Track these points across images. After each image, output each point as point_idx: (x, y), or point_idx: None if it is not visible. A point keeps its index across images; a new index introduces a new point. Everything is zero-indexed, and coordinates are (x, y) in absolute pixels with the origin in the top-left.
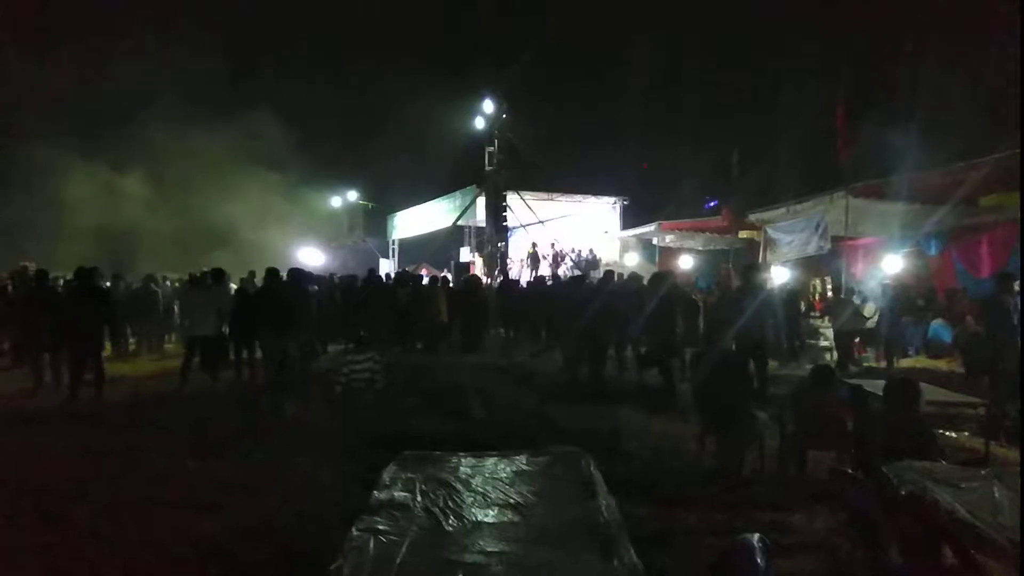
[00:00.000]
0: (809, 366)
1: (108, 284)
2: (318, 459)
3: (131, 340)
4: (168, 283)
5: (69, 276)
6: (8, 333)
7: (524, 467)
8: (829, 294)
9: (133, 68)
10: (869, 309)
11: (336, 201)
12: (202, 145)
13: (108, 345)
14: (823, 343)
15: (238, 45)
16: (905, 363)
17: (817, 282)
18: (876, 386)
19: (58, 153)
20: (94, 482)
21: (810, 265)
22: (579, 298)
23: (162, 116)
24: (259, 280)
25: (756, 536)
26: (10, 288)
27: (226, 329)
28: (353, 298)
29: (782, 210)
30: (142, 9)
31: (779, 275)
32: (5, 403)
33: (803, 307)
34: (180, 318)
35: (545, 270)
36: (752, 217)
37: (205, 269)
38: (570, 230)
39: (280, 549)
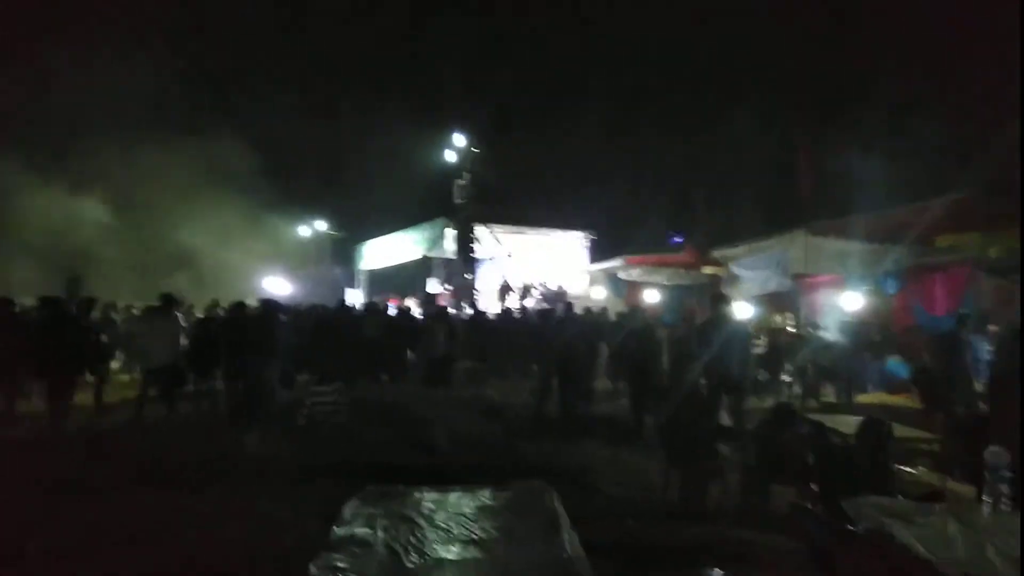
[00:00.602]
0: (771, 400)
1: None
2: (277, 492)
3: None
4: (120, 312)
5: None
6: None
7: (488, 502)
8: (791, 330)
9: (95, 83)
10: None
11: (304, 230)
12: (166, 169)
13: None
14: (785, 378)
15: (208, 68)
16: (864, 398)
17: (779, 318)
18: (836, 422)
19: (8, 169)
20: (45, 515)
21: (772, 301)
22: (548, 331)
23: (123, 137)
24: (222, 308)
25: (717, 572)
26: None
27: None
28: (323, 329)
29: (744, 247)
30: (107, 22)
31: (742, 311)
32: None
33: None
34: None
35: (514, 303)
36: (716, 253)
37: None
38: (539, 263)
39: None
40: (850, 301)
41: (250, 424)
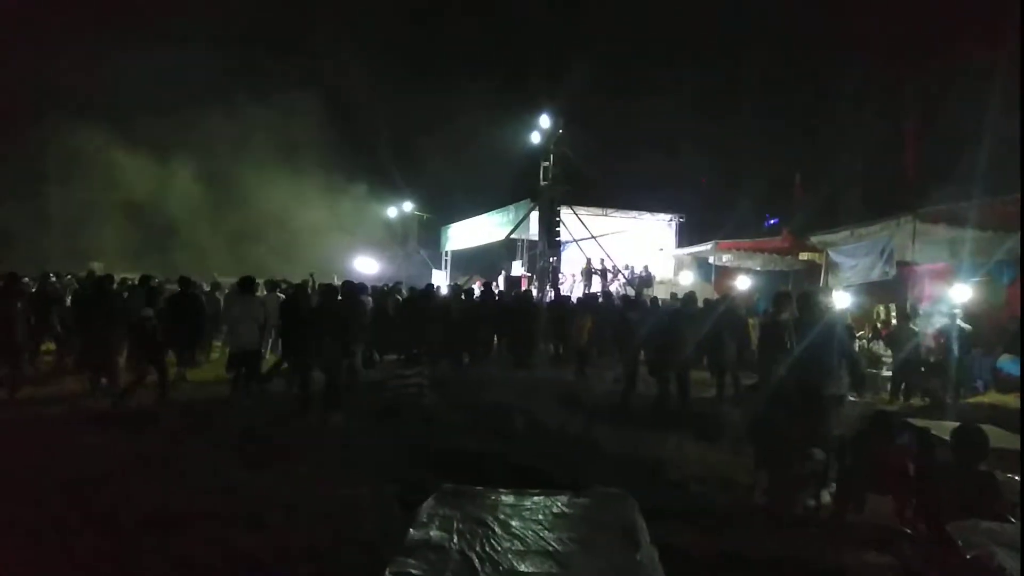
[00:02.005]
0: (869, 397)
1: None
2: (361, 476)
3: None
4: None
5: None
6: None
7: (565, 510)
8: (893, 322)
9: (192, 61)
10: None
11: (392, 211)
12: (261, 148)
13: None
14: (885, 373)
15: (302, 51)
16: (973, 399)
17: (881, 309)
18: (941, 427)
19: (108, 146)
20: (143, 489)
21: (873, 291)
22: (641, 318)
23: (217, 113)
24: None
25: None
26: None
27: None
28: (408, 310)
29: (846, 233)
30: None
31: (841, 300)
32: (64, 404)
33: (864, 334)
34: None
35: (598, 286)
36: (814, 239)
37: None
38: (624, 246)
39: (318, 571)
40: (960, 292)
41: (335, 405)
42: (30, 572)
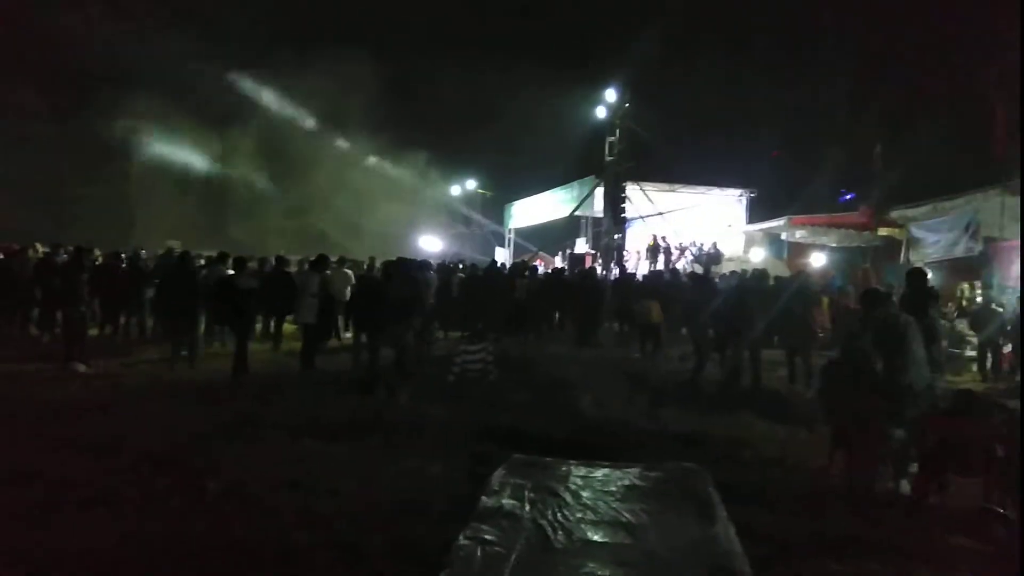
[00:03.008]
0: (950, 379)
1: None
2: (429, 449)
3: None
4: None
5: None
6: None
7: (637, 482)
8: (978, 300)
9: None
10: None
11: (455, 188)
12: (326, 126)
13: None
14: (969, 352)
15: (364, 26)
16: None
17: (965, 287)
18: None
19: (162, 120)
20: (223, 458)
21: (958, 268)
22: (709, 296)
23: (277, 85)
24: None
25: None
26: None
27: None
28: (473, 287)
29: (928, 207)
30: None
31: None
32: (143, 374)
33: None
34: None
35: (664, 264)
36: (894, 214)
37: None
38: (692, 222)
39: (391, 539)
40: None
41: (401, 380)
42: (116, 541)
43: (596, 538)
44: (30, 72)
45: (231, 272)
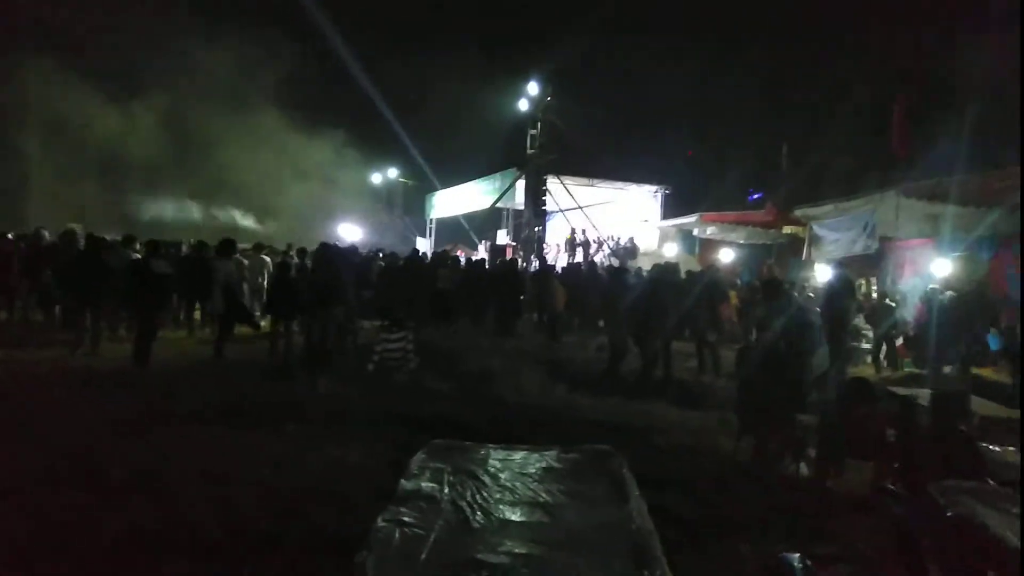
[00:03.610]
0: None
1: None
2: (348, 437)
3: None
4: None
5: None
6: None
7: (554, 464)
8: (874, 296)
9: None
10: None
11: (377, 177)
12: (242, 110)
13: None
14: (864, 345)
15: (285, 13)
16: (950, 371)
17: (863, 283)
18: (920, 395)
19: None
20: (131, 447)
21: (856, 265)
22: (627, 289)
23: (203, 71)
24: (291, 254)
25: (797, 556)
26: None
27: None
28: (393, 277)
29: (830, 207)
30: None
31: (823, 273)
32: (44, 362)
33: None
34: None
35: (582, 257)
36: (798, 212)
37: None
38: (609, 217)
39: (308, 527)
40: (941, 267)
41: (321, 368)
42: (18, 534)
43: (515, 518)
44: None
45: (141, 256)
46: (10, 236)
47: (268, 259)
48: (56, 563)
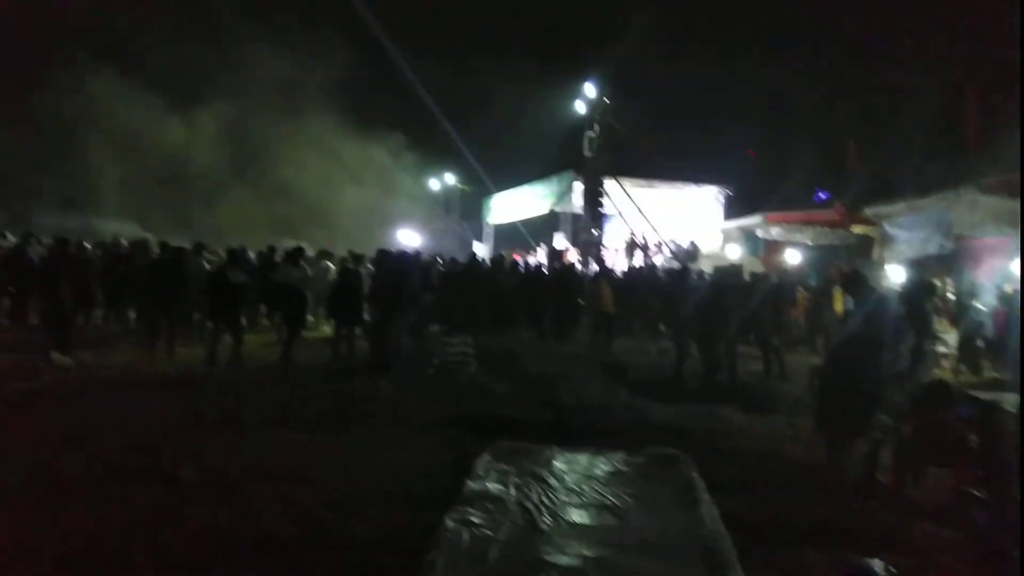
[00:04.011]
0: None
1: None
2: (410, 438)
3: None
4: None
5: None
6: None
7: (620, 467)
8: (950, 296)
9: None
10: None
11: (434, 183)
12: (302, 121)
13: None
14: (941, 349)
15: (344, 26)
16: None
17: (938, 284)
18: (1004, 400)
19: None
20: (203, 447)
21: (931, 265)
22: (688, 291)
23: (259, 86)
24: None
25: (880, 563)
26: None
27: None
28: (453, 281)
29: (902, 205)
30: None
31: (896, 274)
32: (125, 368)
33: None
34: None
35: (642, 260)
36: (868, 212)
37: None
38: (669, 219)
39: (374, 527)
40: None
41: (385, 372)
42: (93, 529)
43: (582, 520)
44: None
45: (218, 266)
46: (87, 245)
47: (332, 266)
48: (136, 554)
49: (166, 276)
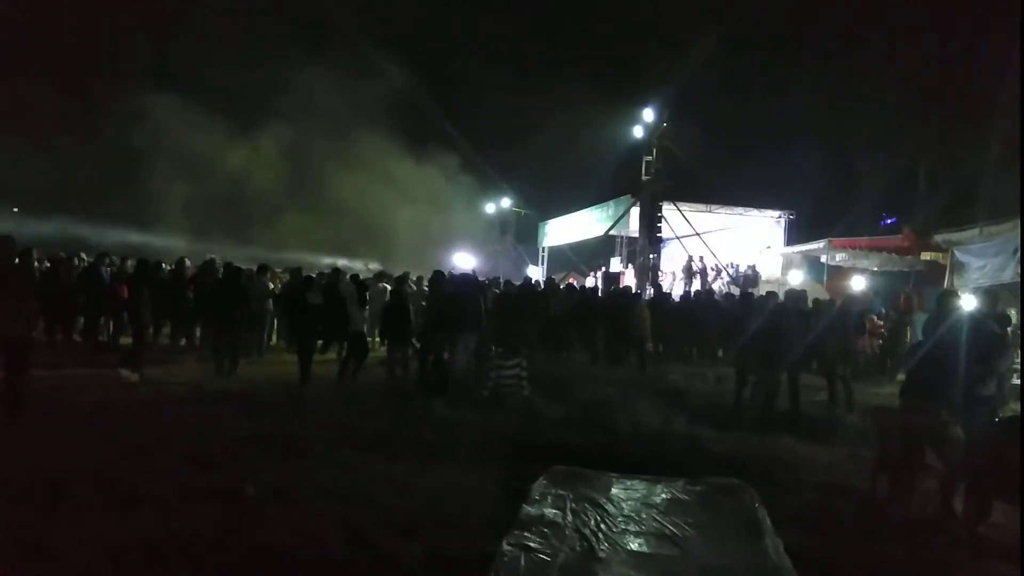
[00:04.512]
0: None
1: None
2: (463, 461)
3: None
4: None
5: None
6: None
7: (681, 496)
8: None
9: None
10: None
11: (490, 207)
12: (361, 145)
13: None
14: (1016, 381)
15: (402, 51)
16: None
17: (1013, 313)
18: None
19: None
20: (261, 465)
21: (1002, 295)
22: (748, 317)
23: (312, 106)
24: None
25: None
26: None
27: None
28: (508, 304)
29: (974, 231)
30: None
31: (968, 303)
32: (190, 385)
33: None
34: None
35: (700, 285)
36: (938, 238)
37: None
38: (729, 244)
39: (428, 549)
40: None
41: (439, 394)
42: (158, 538)
43: (641, 549)
44: (44, 73)
45: (298, 288)
46: (165, 265)
47: (388, 287)
48: (196, 571)
49: (230, 295)
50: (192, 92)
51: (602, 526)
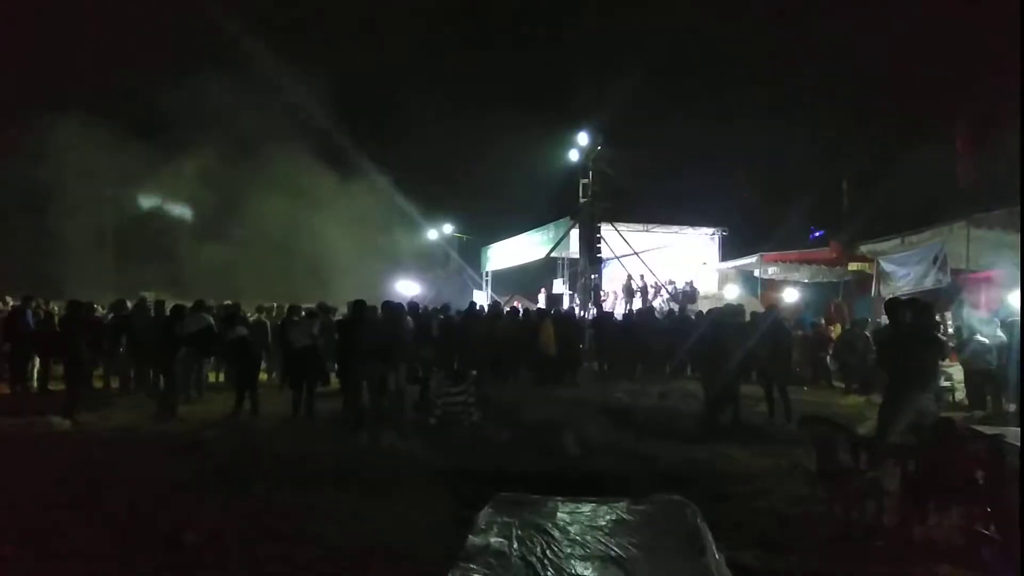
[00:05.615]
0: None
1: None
2: (411, 491)
3: None
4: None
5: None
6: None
7: (625, 516)
8: (950, 331)
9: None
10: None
11: (432, 233)
12: (294, 173)
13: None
14: (944, 383)
15: (333, 73)
16: None
17: (936, 318)
18: (1010, 434)
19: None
20: (203, 507)
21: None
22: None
23: (250, 141)
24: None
25: None
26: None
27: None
28: (452, 329)
29: (896, 241)
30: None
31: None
32: (125, 429)
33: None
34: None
35: (640, 303)
36: (863, 248)
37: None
38: (667, 262)
39: None
40: (1017, 300)
41: (374, 424)
42: None
43: (587, 573)
44: None
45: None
46: (97, 307)
47: (331, 318)
48: None
49: (162, 335)
50: (100, 117)
51: (548, 552)
